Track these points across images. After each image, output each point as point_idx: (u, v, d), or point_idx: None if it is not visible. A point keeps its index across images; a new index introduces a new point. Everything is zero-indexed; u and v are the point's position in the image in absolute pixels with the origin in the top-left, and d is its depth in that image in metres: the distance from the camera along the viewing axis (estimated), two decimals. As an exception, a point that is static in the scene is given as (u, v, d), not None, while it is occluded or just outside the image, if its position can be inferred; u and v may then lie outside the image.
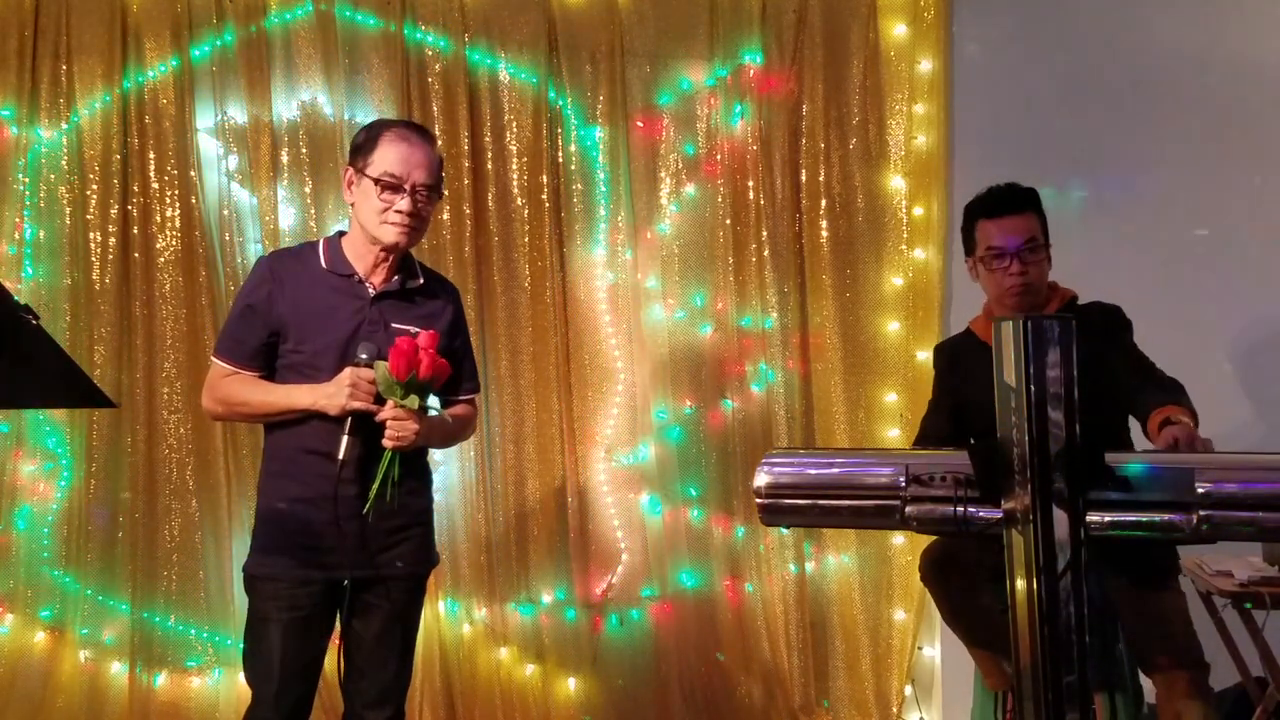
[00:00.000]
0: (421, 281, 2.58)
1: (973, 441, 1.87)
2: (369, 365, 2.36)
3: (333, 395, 2.36)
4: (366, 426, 2.37)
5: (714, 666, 3.84)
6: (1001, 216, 2.75)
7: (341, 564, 2.41)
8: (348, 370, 2.37)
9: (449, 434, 2.65)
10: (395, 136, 2.45)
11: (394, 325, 2.46)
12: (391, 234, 2.44)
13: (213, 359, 2.53)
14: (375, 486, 2.39)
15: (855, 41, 3.84)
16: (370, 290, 2.48)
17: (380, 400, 2.37)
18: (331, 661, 2.51)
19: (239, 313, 2.51)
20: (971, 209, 2.83)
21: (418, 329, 2.45)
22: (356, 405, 2.35)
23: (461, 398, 2.68)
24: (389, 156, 2.43)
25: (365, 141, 2.47)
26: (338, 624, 2.50)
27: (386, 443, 2.38)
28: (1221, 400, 2.82)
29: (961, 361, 2.91)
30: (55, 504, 3.68)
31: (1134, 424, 2.58)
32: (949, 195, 3.81)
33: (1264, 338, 3.71)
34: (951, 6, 3.81)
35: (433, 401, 2.57)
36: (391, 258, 2.50)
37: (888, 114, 3.86)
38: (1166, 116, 3.73)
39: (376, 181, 2.42)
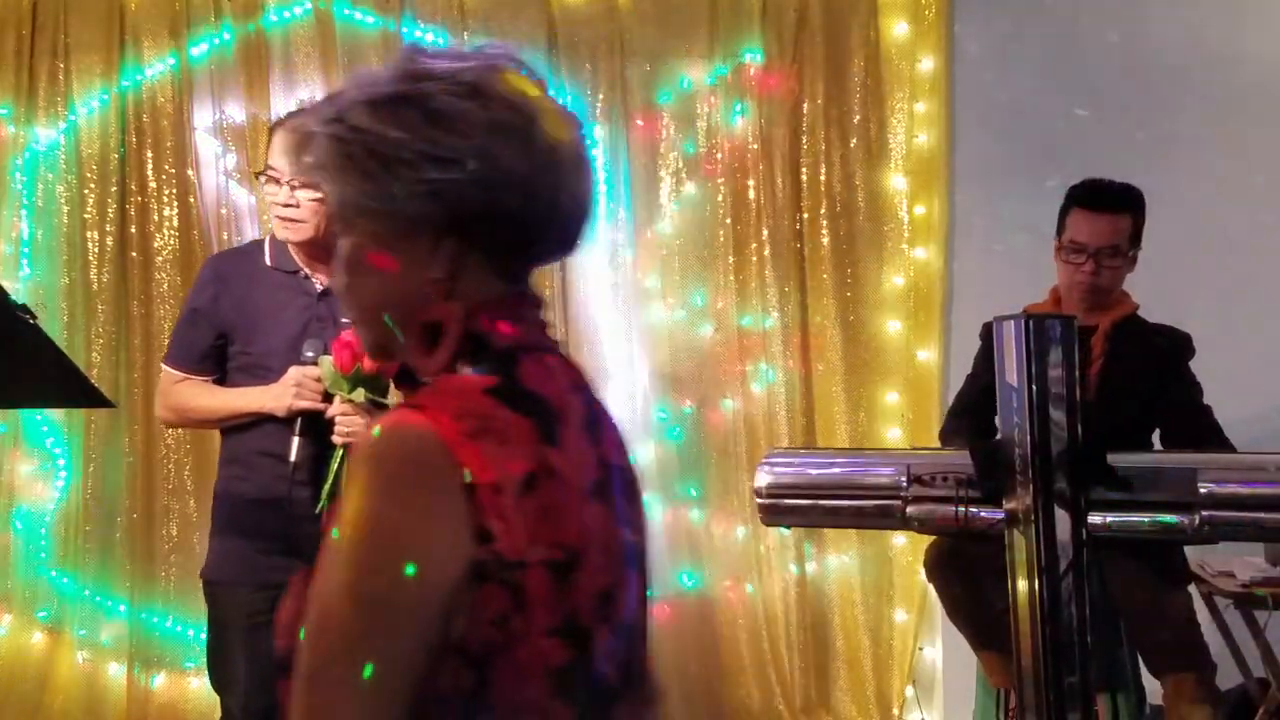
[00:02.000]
0: None
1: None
2: (315, 362, 2.32)
3: (279, 396, 2.32)
4: (319, 425, 2.32)
5: (714, 667, 3.83)
6: (1095, 211, 2.70)
7: (299, 567, 2.39)
8: (293, 369, 2.32)
9: None
10: (281, 128, 2.40)
11: (344, 320, 2.38)
12: (278, 228, 2.40)
13: (163, 366, 2.49)
14: (327, 486, 2.32)
15: (856, 40, 3.82)
16: (317, 286, 2.43)
17: (330, 397, 2.32)
18: None
19: (185, 317, 2.47)
20: (1070, 194, 2.78)
21: None
22: (303, 405, 2.30)
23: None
24: (271, 149, 2.39)
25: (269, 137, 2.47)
26: None
27: (336, 439, 2.32)
28: (1223, 400, 2.81)
29: None
30: (53, 504, 3.67)
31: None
32: (950, 194, 3.79)
33: (1265, 336, 3.70)
34: (952, 5, 3.80)
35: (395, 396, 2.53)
36: (328, 254, 2.47)
37: (889, 113, 3.84)
38: (1168, 115, 3.72)
39: (258, 175, 2.42)
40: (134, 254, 3.65)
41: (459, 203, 1.05)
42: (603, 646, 1.06)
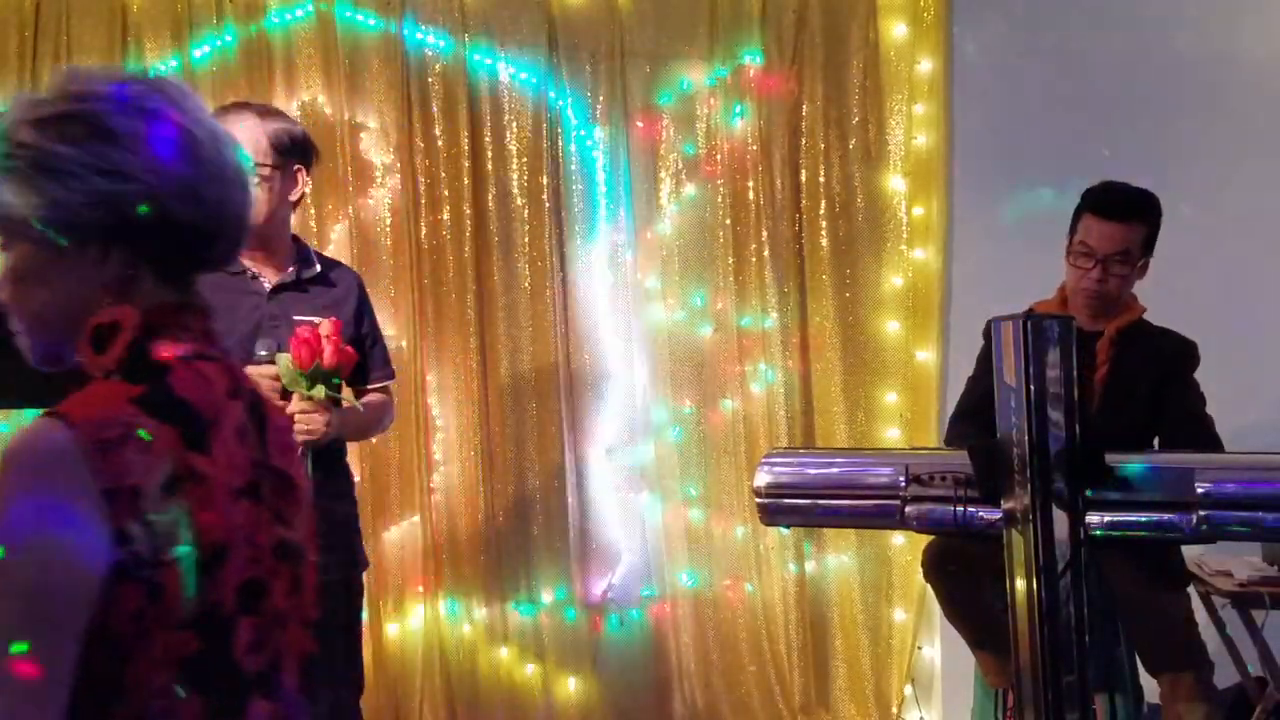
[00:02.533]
0: (318, 269, 2.50)
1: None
2: (270, 361, 2.29)
3: None
4: None
5: (714, 666, 3.84)
6: (1106, 219, 2.68)
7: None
8: (249, 369, 2.28)
9: (364, 425, 2.57)
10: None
11: (295, 318, 2.38)
12: None
13: None
14: None
15: (855, 41, 3.83)
16: (265, 285, 2.41)
17: (287, 396, 2.29)
18: None
19: None
20: (1085, 197, 2.77)
21: (321, 319, 2.37)
22: None
23: (373, 387, 2.59)
24: None
25: None
26: None
27: (296, 438, 2.27)
28: (1224, 399, 2.82)
29: None
30: (55, 504, 3.67)
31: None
32: (949, 195, 3.80)
33: (1267, 336, 3.71)
34: (951, 6, 3.80)
35: (346, 393, 2.47)
36: (279, 249, 2.45)
37: (887, 114, 3.85)
38: (1168, 116, 3.73)
39: None
40: (136, 255, 3.65)
41: (130, 213, 1.13)
42: (244, 638, 1.14)
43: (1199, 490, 1.73)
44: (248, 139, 2.34)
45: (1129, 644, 2.73)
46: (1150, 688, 2.77)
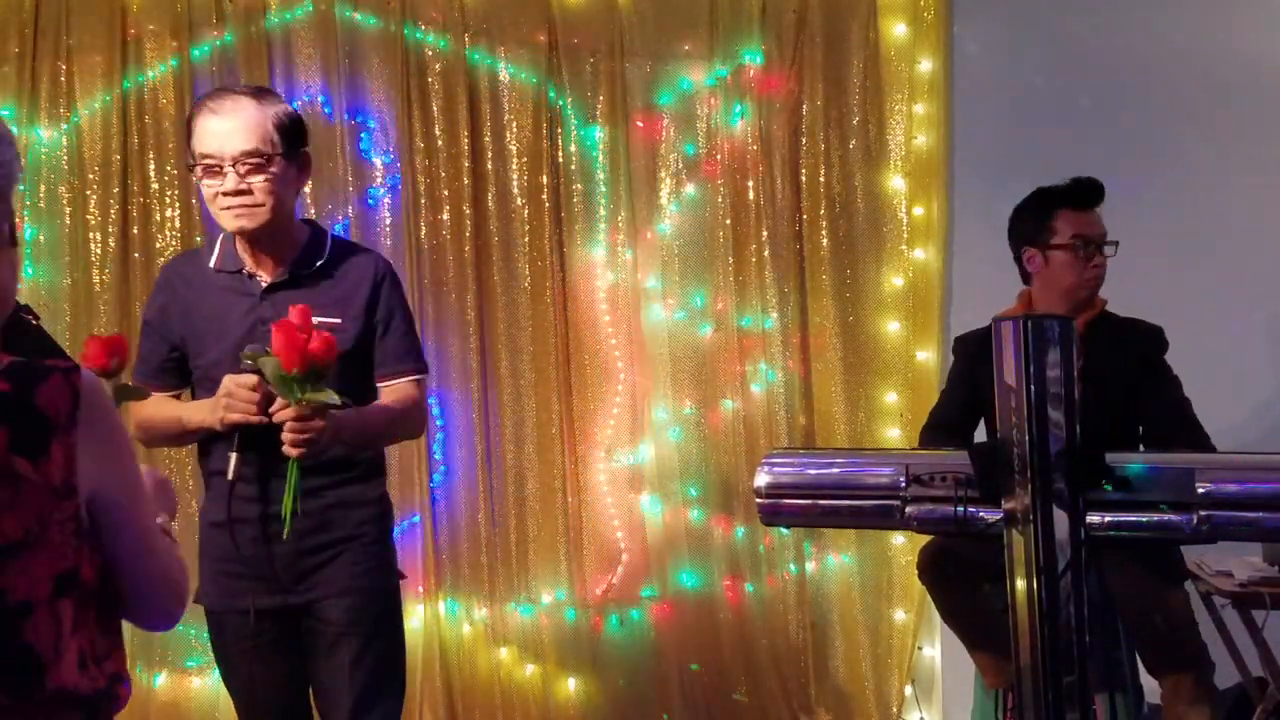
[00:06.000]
0: (323, 262, 2.25)
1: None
2: (252, 369, 2.07)
3: (214, 409, 2.10)
4: (264, 437, 2.08)
5: (714, 667, 3.84)
6: (1087, 209, 2.79)
7: (262, 591, 2.19)
8: (226, 378, 2.10)
9: (378, 428, 2.30)
10: (203, 110, 2.12)
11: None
12: (229, 220, 2.14)
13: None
14: (286, 503, 2.09)
15: (855, 41, 3.83)
16: (260, 284, 2.21)
17: (271, 402, 2.07)
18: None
19: (141, 329, 2.32)
20: (1052, 197, 2.83)
21: (324, 318, 2.12)
22: (234, 418, 2.07)
23: (389, 383, 2.30)
24: (198, 136, 2.12)
25: (187, 126, 2.19)
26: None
27: (289, 450, 2.06)
28: (1224, 399, 2.83)
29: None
30: (55, 504, 3.67)
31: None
32: (949, 195, 3.80)
33: (1265, 336, 3.71)
34: (951, 6, 3.81)
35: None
36: (286, 243, 2.23)
37: (888, 114, 3.86)
38: (1168, 116, 3.73)
39: (192, 169, 2.16)
40: (136, 255, 3.65)
41: None
42: None
43: (1199, 490, 1.72)
44: (251, 127, 2.12)
45: (1129, 644, 2.73)
46: (1150, 688, 2.77)
